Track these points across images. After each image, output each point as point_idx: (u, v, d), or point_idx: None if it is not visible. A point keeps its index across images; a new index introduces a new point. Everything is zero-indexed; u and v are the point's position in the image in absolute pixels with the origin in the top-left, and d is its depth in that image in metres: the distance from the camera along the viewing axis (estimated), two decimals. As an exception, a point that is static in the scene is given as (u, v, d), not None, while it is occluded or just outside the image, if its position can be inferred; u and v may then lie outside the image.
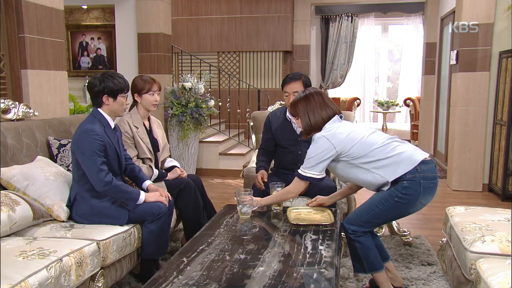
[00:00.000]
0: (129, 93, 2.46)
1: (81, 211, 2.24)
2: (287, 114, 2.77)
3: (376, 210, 2.07)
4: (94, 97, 2.29)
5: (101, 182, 2.17)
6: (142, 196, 2.29)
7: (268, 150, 2.86)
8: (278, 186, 2.41)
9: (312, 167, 2.09)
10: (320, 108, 2.14)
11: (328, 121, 2.14)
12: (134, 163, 2.56)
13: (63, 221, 2.24)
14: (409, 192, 2.01)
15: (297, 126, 2.78)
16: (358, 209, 2.15)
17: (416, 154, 2.05)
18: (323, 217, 2.21)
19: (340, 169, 2.14)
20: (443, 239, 2.51)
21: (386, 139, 2.08)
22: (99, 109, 2.30)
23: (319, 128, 2.15)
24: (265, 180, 2.68)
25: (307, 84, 2.69)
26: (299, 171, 2.15)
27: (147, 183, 2.51)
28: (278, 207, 2.36)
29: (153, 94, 2.79)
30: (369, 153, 2.04)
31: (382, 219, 2.13)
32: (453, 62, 4.77)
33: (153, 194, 2.36)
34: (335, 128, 2.09)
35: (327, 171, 2.95)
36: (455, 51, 4.68)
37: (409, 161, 2.02)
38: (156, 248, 2.32)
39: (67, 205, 2.28)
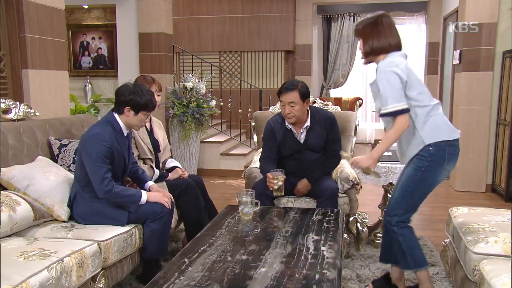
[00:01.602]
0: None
1: (80, 211, 2.24)
2: (286, 124, 2.71)
3: (409, 189, 2.12)
4: (118, 103, 2.28)
5: (102, 190, 2.17)
6: (144, 196, 2.28)
7: (273, 158, 2.73)
8: (279, 174, 2.46)
9: (396, 100, 2.02)
10: (390, 33, 2.13)
11: (393, 50, 2.11)
12: (138, 166, 2.55)
13: (64, 221, 2.23)
14: (434, 158, 2.06)
15: (298, 134, 2.72)
16: (393, 199, 2.18)
17: (455, 129, 2.14)
18: None
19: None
20: (446, 240, 2.49)
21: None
22: (116, 115, 2.29)
23: (381, 53, 2.12)
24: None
25: (304, 93, 2.59)
26: (388, 110, 2.05)
27: (149, 183, 2.50)
28: (279, 193, 2.50)
29: None
30: (422, 92, 2.06)
31: (419, 196, 2.16)
32: (456, 61, 4.75)
33: (156, 193, 2.35)
34: (398, 60, 2.07)
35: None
36: (458, 51, 4.66)
37: (450, 131, 2.10)
38: (158, 248, 2.32)
39: (67, 205, 2.27)
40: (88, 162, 2.17)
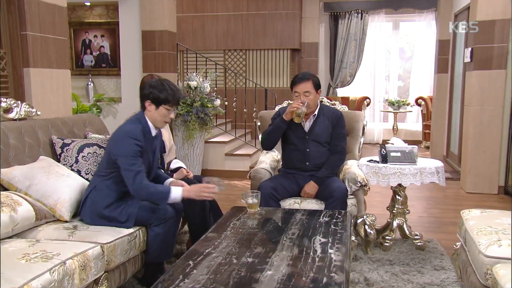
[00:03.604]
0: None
1: (90, 207, 2.23)
2: None
3: None
4: (141, 99, 2.33)
5: (134, 184, 2.15)
6: (175, 193, 2.21)
7: None
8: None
9: None
10: None
11: None
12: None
13: (67, 221, 2.22)
14: None
15: (305, 122, 2.81)
16: None
17: None
18: None
19: None
20: (457, 243, 2.43)
21: None
22: (144, 113, 2.31)
23: None
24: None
25: (317, 83, 2.74)
26: None
27: (169, 180, 2.48)
28: (299, 118, 2.61)
29: None
30: None
31: None
32: (468, 60, 4.67)
33: (193, 188, 2.27)
34: None
35: (338, 173, 2.91)
36: (470, 49, 4.59)
37: None
38: (161, 252, 2.30)
39: (82, 200, 2.27)
40: (121, 159, 2.17)
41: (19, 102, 2.62)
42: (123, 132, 2.23)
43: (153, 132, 2.33)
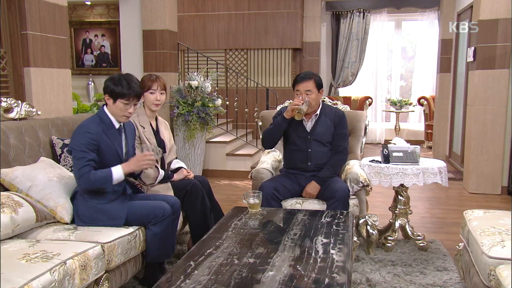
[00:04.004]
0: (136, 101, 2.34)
1: (80, 210, 2.21)
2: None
3: None
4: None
5: (78, 179, 2.14)
6: (116, 172, 2.18)
7: None
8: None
9: None
10: None
11: None
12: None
13: (67, 223, 2.21)
14: None
15: (307, 122, 2.80)
16: None
17: None
18: None
19: None
20: (460, 244, 2.43)
21: None
22: (104, 107, 2.29)
23: None
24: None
25: (319, 83, 2.74)
26: None
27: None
28: (300, 116, 2.61)
29: (153, 93, 2.76)
30: None
31: None
32: (470, 59, 4.65)
33: (130, 162, 2.25)
34: None
35: (340, 173, 2.89)
36: (473, 48, 4.56)
37: None
38: (160, 252, 2.28)
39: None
40: (74, 153, 2.17)
41: (20, 101, 2.61)
42: (78, 127, 2.24)
43: (116, 125, 2.30)
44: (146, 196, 2.47)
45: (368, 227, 2.79)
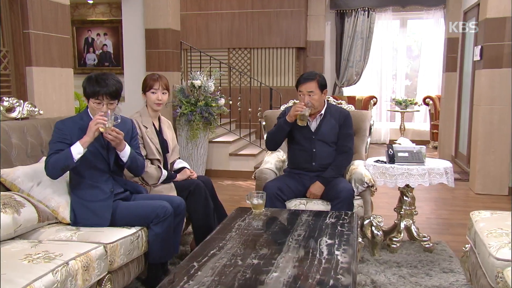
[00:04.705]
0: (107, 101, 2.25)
1: (72, 207, 2.22)
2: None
3: None
4: None
5: (45, 164, 2.15)
6: (75, 148, 2.10)
7: None
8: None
9: None
10: None
11: None
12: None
13: (69, 224, 2.20)
14: None
15: (311, 122, 2.79)
16: None
17: None
18: None
19: None
20: (467, 245, 2.39)
21: None
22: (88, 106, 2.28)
23: None
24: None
25: (322, 83, 2.72)
26: None
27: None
28: (303, 121, 2.59)
29: (154, 93, 2.74)
30: None
31: None
32: (477, 58, 4.61)
33: (87, 130, 2.14)
34: None
35: (344, 174, 2.87)
36: (479, 47, 4.52)
37: None
38: (163, 252, 2.27)
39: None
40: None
41: (22, 101, 2.60)
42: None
43: None
44: (151, 197, 2.45)
45: (373, 228, 2.78)
